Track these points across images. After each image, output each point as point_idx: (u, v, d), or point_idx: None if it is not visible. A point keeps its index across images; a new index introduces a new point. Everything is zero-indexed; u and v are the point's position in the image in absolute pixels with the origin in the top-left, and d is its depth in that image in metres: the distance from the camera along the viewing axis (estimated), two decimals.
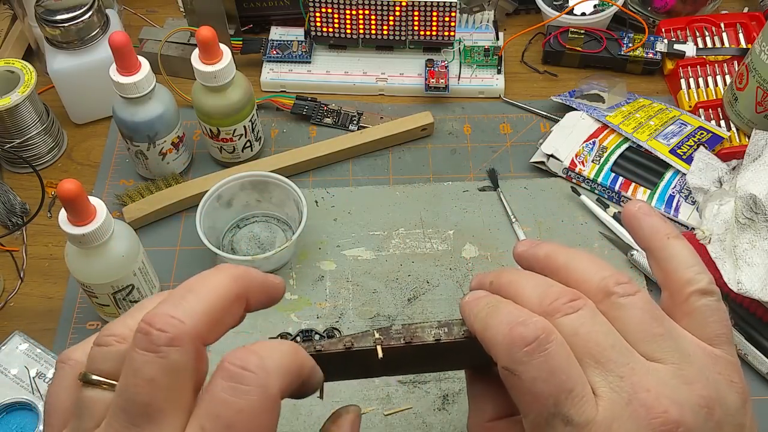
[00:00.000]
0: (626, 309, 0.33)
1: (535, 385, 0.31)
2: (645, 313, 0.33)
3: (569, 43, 0.79)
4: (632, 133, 0.70)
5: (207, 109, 0.67)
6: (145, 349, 0.27)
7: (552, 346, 0.31)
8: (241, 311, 0.32)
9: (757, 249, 0.58)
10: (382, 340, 0.37)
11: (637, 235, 0.37)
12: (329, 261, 0.65)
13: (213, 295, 0.30)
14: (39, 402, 0.54)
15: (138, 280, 0.58)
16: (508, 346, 0.32)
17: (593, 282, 0.34)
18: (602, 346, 0.32)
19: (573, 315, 0.32)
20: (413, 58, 0.79)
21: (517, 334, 0.31)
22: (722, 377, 0.33)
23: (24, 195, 0.70)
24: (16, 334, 0.58)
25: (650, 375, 0.31)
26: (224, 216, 0.66)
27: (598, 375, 0.31)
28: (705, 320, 0.34)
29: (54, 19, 0.68)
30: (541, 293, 0.33)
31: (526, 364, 0.31)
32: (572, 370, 0.31)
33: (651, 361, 0.32)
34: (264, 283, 0.33)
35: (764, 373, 0.58)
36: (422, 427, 0.55)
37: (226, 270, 0.31)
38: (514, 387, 0.32)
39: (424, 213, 0.69)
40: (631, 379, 0.31)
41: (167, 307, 0.28)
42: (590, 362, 0.31)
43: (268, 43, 0.80)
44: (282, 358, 0.30)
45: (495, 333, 0.33)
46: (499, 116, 0.77)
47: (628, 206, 0.37)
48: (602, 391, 0.31)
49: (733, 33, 0.79)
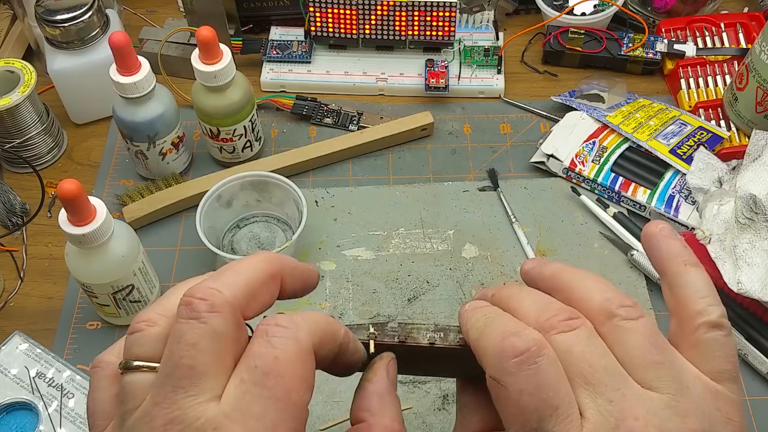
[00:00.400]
0: (627, 333, 0.32)
1: (521, 398, 0.30)
2: (645, 339, 0.32)
3: (569, 43, 0.79)
4: (632, 133, 0.70)
5: (207, 109, 0.67)
6: (188, 317, 0.29)
7: (542, 361, 0.31)
8: (276, 289, 0.33)
9: (757, 249, 0.58)
10: (375, 335, 0.37)
11: (654, 257, 0.36)
12: (329, 261, 0.65)
13: (249, 272, 0.32)
14: (39, 402, 0.55)
15: (138, 280, 0.58)
16: (498, 356, 0.31)
17: (595, 302, 0.33)
18: (595, 368, 0.31)
19: (569, 333, 0.32)
20: (413, 58, 0.79)
21: (509, 344, 0.31)
22: (720, 414, 0.32)
23: (24, 195, 0.70)
24: (16, 334, 0.58)
25: (642, 403, 0.31)
26: (224, 216, 0.66)
27: (588, 396, 0.31)
28: (711, 354, 0.33)
29: (54, 19, 0.68)
30: (539, 308, 0.33)
31: (514, 375, 0.31)
32: (560, 388, 0.31)
33: (646, 389, 0.31)
34: (297, 268, 0.35)
35: (764, 373, 0.58)
36: (422, 427, 0.55)
37: (261, 254, 0.33)
38: (500, 398, 0.31)
39: (424, 213, 0.69)
40: (621, 405, 0.30)
41: (207, 282, 0.31)
42: (581, 382, 0.31)
43: (268, 43, 0.80)
44: (312, 317, 0.32)
45: (488, 342, 0.32)
46: (499, 116, 0.77)
47: (650, 226, 0.36)
48: (589, 414, 0.30)
49: (733, 33, 0.79)
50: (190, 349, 0.28)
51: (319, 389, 0.56)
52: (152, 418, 0.28)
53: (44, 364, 0.56)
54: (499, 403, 0.32)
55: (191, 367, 0.28)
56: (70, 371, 0.56)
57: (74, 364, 0.58)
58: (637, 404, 0.31)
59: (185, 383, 0.28)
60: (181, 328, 0.29)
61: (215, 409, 0.28)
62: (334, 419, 0.55)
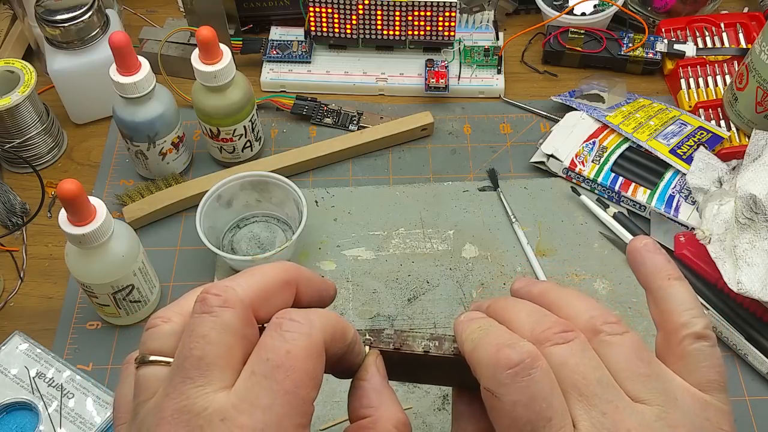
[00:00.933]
0: (613, 347, 0.33)
1: (514, 410, 0.31)
2: (632, 352, 0.33)
3: (569, 43, 0.79)
4: (632, 133, 0.70)
5: (207, 109, 0.67)
6: (201, 311, 0.30)
7: (536, 372, 0.31)
8: (290, 296, 0.34)
9: (757, 249, 0.58)
10: (371, 341, 0.38)
11: (638, 271, 0.37)
12: (329, 261, 0.65)
13: (265, 276, 0.33)
14: (39, 402, 0.55)
15: (138, 280, 0.58)
16: (492, 367, 0.32)
17: (582, 319, 0.34)
18: (588, 380, 0.31)
19: (563, 345, 0.32)
20: (413, 58, 0.79)
21: (503, 356, 0.31)
22: (710, 424, 0.32)
23: (24, 195, 0.70)
24: (16, 334, 0.58)
25: (634, 415, 0.31)
26: (224, 216, 0.66)
27: (581, 408, 0.31)
28: (697, 365, 0.33)
29: (54, 19, 0.68)
30: (534, 321, 0.34)
31: (508, 386, 0.31)
32: (554, 400, 0.31)
33: (636, 402, 0.31)
34: (313, 279, 0.35)
35: (764, 373, 0.58)
36: (422, 427, 0.55)
37: (279, 262, 0.34)
38: (494, 409, 0.32)
39: (424, 213, 0.69)
40: (614, 417, 0.31)
41: (223, 281, 0.32)
42: (574, 394, 0.31)
43: (268, 43, 0.80)
44: (325, 314, 0.32)
45: (482, 353, 0.33)
46: (499, 116, 0.77)
47: (634, 241, 0.37)
48: (583, 426, 0.31)
49: (733, 33, 0.79)
50: (200, 340, 0.29)
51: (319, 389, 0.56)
52: (161, 408, 0.29)
53: (44, 364, 0.56)
54: (493, 414, 0.32)
55: (200, 358, 0.29)
56: (70, 371, 0.56)
57: (74, 364, 0.58)
58: (630, 417, 0.31)
59: (194, 374, 0.29)
60: (194, 321, 0.30)
61: (224, 399, 0.28)
62: (334, 419, 0.55)
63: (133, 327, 0.62)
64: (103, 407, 0.54)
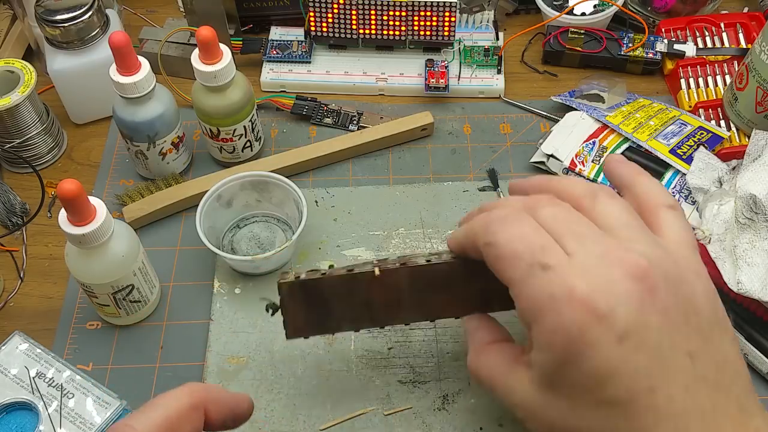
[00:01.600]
0: (607, 205, 0.40)
1: (510, 244, 0.37)
2: (624, 209, 0.40)
3: (569, 43, 0.79)
4: (632, 133, 0.70)
5: (207, 109, 0.67)
6: None
7: (523, 216, 0.38)
8: (199, 420, 0.35)
9: (757, 249, 0.58)
10: (379, 263, 0.43)
11: (614, 179, 0.46)
12: (329, 261, 0.65)
13: (167, 408, 0.34)
14: (39, 402, 0.54)
15: (138, 280, 0.58)
16: (484, 225, 0.39)
17: (578, 189, 0.41)
18: (578, 225, 0.38)
19: (553, 207, 0.39)
20: (413, 58, 0.79)
21: (495, 215, 0.39)
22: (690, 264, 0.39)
23: (24, 195, 0.70)
24: (16, 334, 0.58)
25: (624, 244, 0.37)
26: (224, 216, 0.66)
27: (575, 242, 0.37)
28: (673, 226, 0.41)
29: (54, 19, 0.68)
30: (523, 199, 0.41)
31: (499, 233, 0.38)
32: (541, 235, 0.37)
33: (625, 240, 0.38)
34: (223, 398, 0.36)
35: (764, 373, 0.58)
36: (422, 427, 0.55)
37: (187, 385, 0.36)
38: (494, 257, 0.38)
39: (424, 213, 0.69)
40: (606, 243, 0.37)
41: (126, 419, 0.33)
42: (568, 235, 0.37)
43: (268, 43, 0.80)
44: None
45: (474, 223, 0.40)
46: (499, 116, 0.77)
47: (608, 158, 0.47)
48: (577, 252, 0.36)
49: (733, 33, 0.79)
50: None
51: (319, 389, 0.56)
52: None
53: (44, 364, 0.56)
54: (496, 263, 0.38)
55: None
56: (70, 371, 0.56)
57: (74, 364, 0.58)
58: (620, 245, 0.37)
59: None
60: None
61: None
62: (334, 419, 0.55)
63: (133, 327, 0.62)
64: (103, 407, 0.54)
